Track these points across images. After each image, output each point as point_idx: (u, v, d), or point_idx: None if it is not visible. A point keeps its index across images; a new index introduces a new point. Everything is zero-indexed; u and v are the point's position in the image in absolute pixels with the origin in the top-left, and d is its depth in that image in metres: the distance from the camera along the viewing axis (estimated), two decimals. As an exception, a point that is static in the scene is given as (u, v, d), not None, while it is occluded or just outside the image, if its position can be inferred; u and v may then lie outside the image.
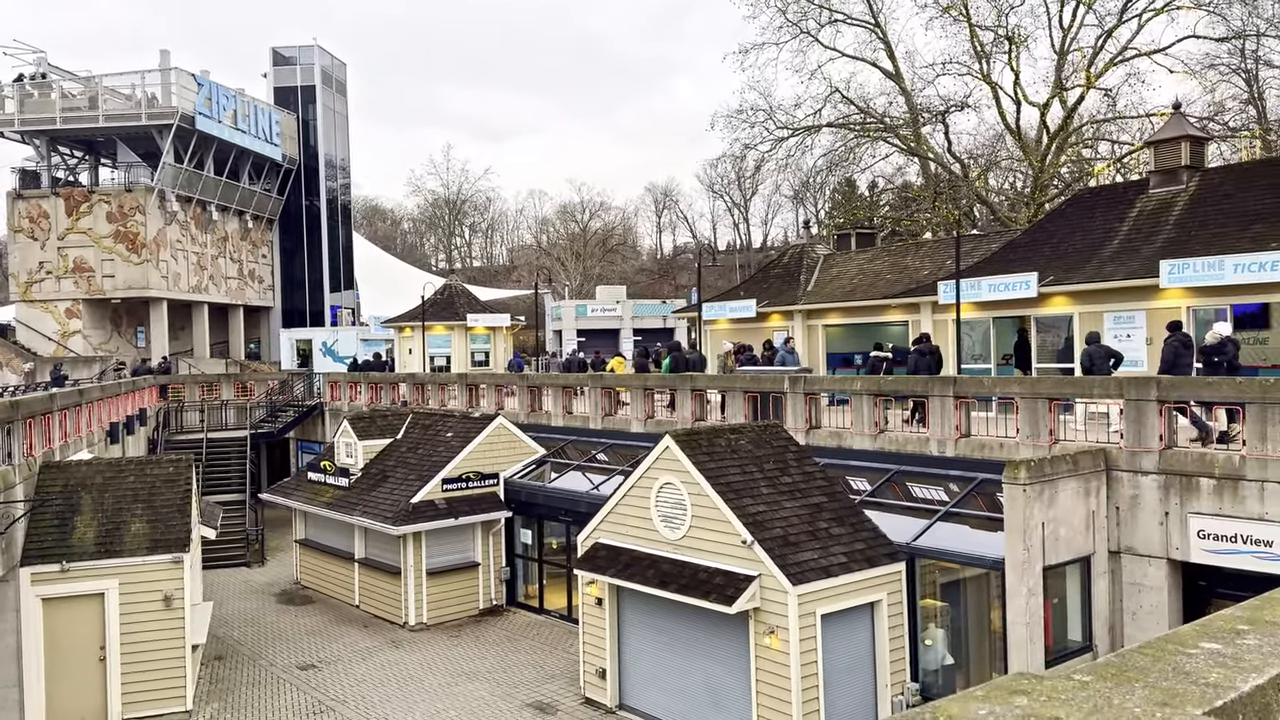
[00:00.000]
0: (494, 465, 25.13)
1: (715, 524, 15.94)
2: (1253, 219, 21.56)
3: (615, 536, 17.87)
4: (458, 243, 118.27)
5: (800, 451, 18.07)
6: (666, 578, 16.28)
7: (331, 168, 62.33)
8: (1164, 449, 15.28)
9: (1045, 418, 16.80)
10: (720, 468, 16.50)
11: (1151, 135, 26.66)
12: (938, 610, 17.32)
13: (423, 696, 19.06)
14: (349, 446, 27.32)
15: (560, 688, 19.27)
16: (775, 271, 35.49)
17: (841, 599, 15.44)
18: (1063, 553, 15.22)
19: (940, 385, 18.44)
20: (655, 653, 17.42)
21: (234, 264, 56.67)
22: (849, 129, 42.89)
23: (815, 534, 15.97)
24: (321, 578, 27.37)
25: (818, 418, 21.35)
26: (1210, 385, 15.13)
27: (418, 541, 23.57)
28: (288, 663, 21.58)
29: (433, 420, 27.08)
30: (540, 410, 28.60)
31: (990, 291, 24.36)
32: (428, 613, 23.78)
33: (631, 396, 25.51)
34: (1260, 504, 14.44)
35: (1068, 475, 15.26)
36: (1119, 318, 22.29)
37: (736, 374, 24.60)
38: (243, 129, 54.36)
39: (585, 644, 18.59)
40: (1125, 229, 23.88)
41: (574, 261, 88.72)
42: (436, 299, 43.30)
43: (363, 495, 25.29)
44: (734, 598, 14.99)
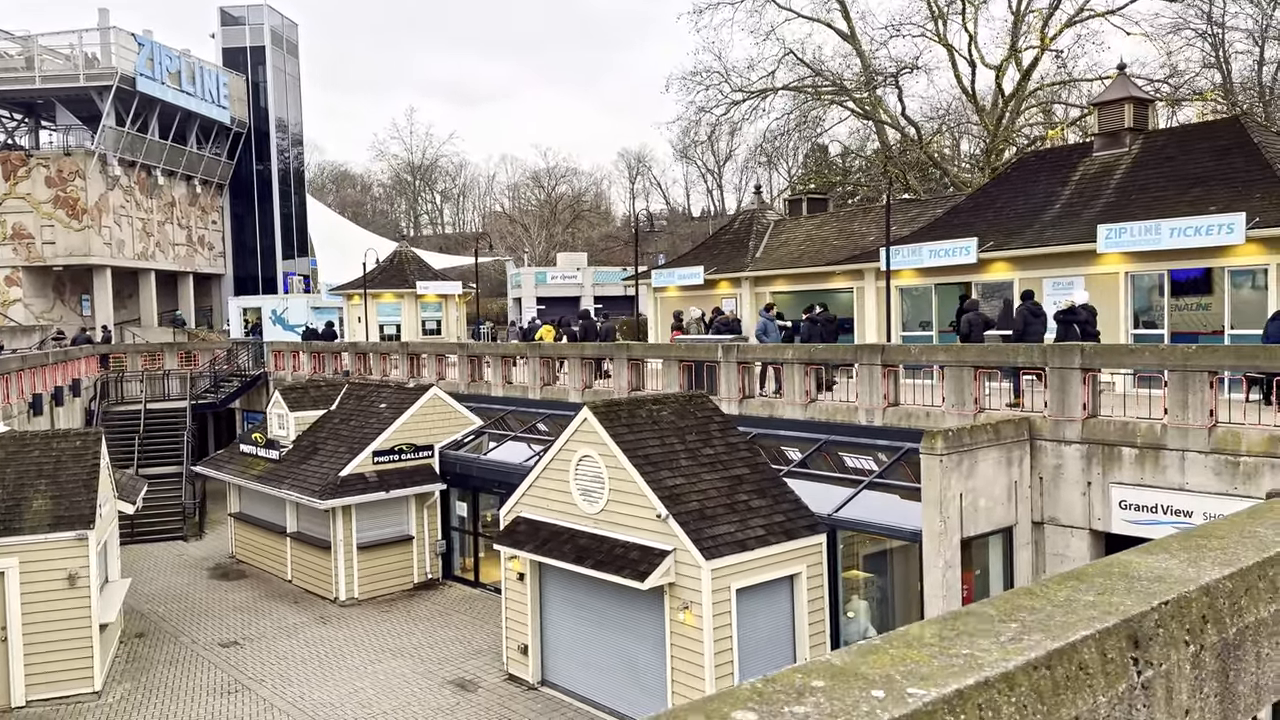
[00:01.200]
0: (429, 437, 24.57)
1: (632, 497, 15.51)
2: (1192, 182, 21.22)
3: (537, 510, 17.43)
4: (429, 209, 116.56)
5: (725, 422, 17.65)
6: (584, 553, 15.86)
7: (283, 131, 60.86)
8: (1087, 418, 14.98)
9: (970, 386, 16.45)
10: (639, 439, 16.04)
11: (1096, 97, 26.21)
12: (861, 581, 17.05)
13: (342, 674, 18.62)
14: (281, 418, 26.65)
15: (485, 664, 18.89)
16: (726, 238, 34.94)
17: (758, 572, 15.10)
18: (982, 524, 14.93)
19: (869, 353, 18.04)
20: (577, 628, 17.06)
21: (182, 230, 55.31)
22: (803, 92, 42.18)
23: (734, 507, 15.58)
24: (255, 552, 26.80)
25: (751, 387, 20.93)
26: (1134, 352, 14.82)
27: (347, 515, 23.03)
28: (210, 640, 21.06)
29: (367, 391, 26.44)
30: (481, 380, 28.02)
31: (931, 257, 23.96)
32: (359, 587, 23.30)
33: (569, 366, 24.97)
34: (1181, 474, 14.18)
35: (988, 445, 14.93)
36: (1058, 283, 21.97)
37: (672, 343, 24.11)
38: (188, 91, 52.80)
39: (508, 620, 18.20)
40: (1067, 193, 23.50)
41: (538, 228, 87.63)
42: (386, 266, 42.41)
43: (292, 468, 24.67)
44: (647, 573, 14.60)
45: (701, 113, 43.96)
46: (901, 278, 25.88)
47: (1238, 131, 21.61)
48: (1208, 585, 2.28)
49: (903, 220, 29.34)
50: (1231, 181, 20.38)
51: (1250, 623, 2.36)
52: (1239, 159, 20.81)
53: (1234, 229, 18.55)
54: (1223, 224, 18.72)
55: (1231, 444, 13.69)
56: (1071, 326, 16.32)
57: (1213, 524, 2.88)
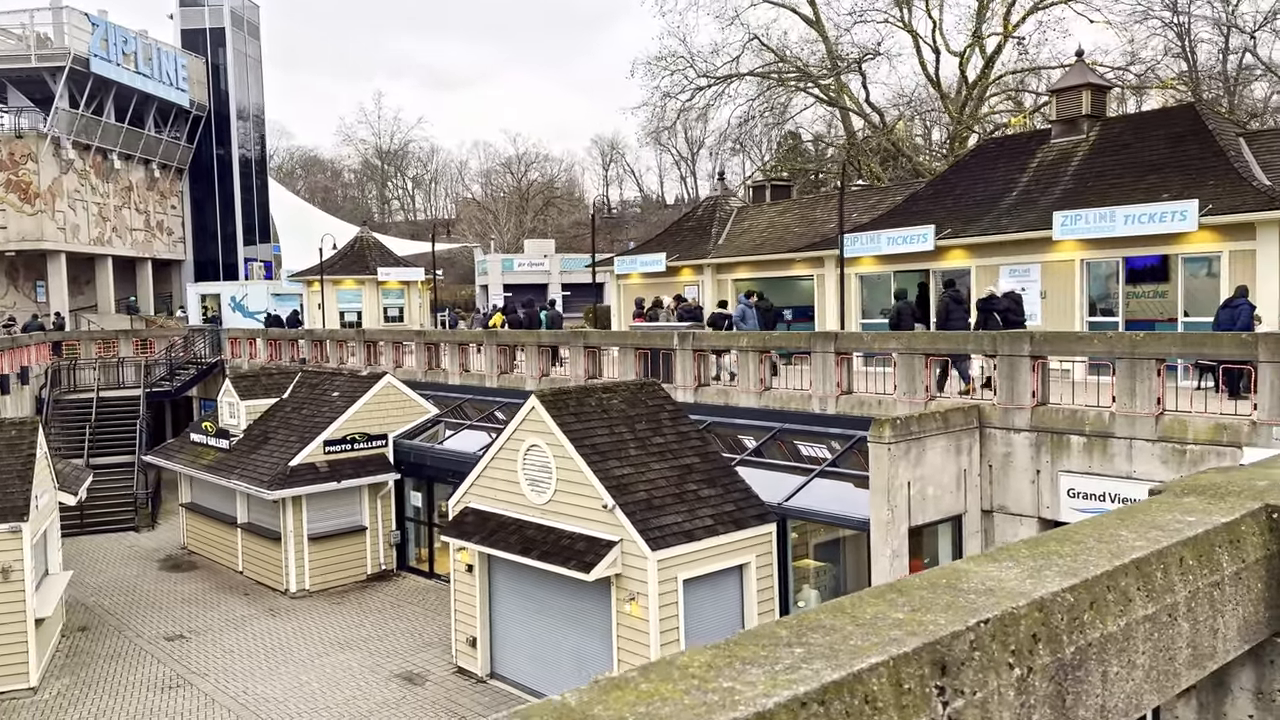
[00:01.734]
0: (383, 425, 24.16)
1: (580, 487, 15.26)
2: (1148, 169, 21.19)
3: (485, 501, 17.13)
4: (401, 195, 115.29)
5: (676, 411, 17.42)
6: (530, 544, 15.60)
7: (245, 115, 59.80)
8: (1036, 405, 14.88)
9: (922, 374, 16.32)
10: (587, 429, 15.78)
11: (1054, 84, 26.15)
12: (812, 570, 16.92)
13: (288, 668, 18.27)
14: (232, 407, 26.14)
15: (434, 656, 18.60)
16: (689, 225, 34.67)
17: (706, 563, 14.91)
18: (931, 512, 14.81)
19: (822, 341, 17.86)
20: (525, 620, 16.81)
21: (140, 215, 54.23)
22: (768, 78, 41.90)
23: (682, 496, 15.37)
24: (207, 543, 26.32)
25: (706, 375, 20.70)
26: (1082, 340, 14.73)
27: (297, 506, 22.61)
28: (155, 633, 20.62)
29: (320, 379, 25.97)
30: (438, 368, 27.62)
31: (889, 245, 23.82)
32: (310, 579, 22.91)
33: (526, 354, 24.64)
34: (1129, 462, 14.12)
35: (937, 433, 14.80)
36: (1015, 270, 21.90)
37: (628, 330, 23.84)
38: (145, 73, 51.67)
39: (456, 612, 17.92)
40: (1025, 180, 23.43)
41: (507, 215, 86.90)
42: (347, 252, 41.76)
43: (243, 458, 24.19)
44: (593, 564, 14.36)
45: (667, 98, 43.66)
46: (861, 265, 25.74)
47: (1193, 119, 21.60)
48: (1043, 599, 2.04)
49: (863, 208, 29.20)
50: (1186, 169, 20.36)
51: (1095, 639, 2.13)
52: (1193, 146, 20.80)
53: (1187, 216, 18.52)
54: (1176, 211, 18.68)
55: (1178, 432, 13.64)
56: (992, 314, 16.44)
57: (1074, 526, 2.66)
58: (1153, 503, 2.87)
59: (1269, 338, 12.96)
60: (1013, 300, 16.81)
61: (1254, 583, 2.69)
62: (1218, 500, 2.87)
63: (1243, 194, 18.68)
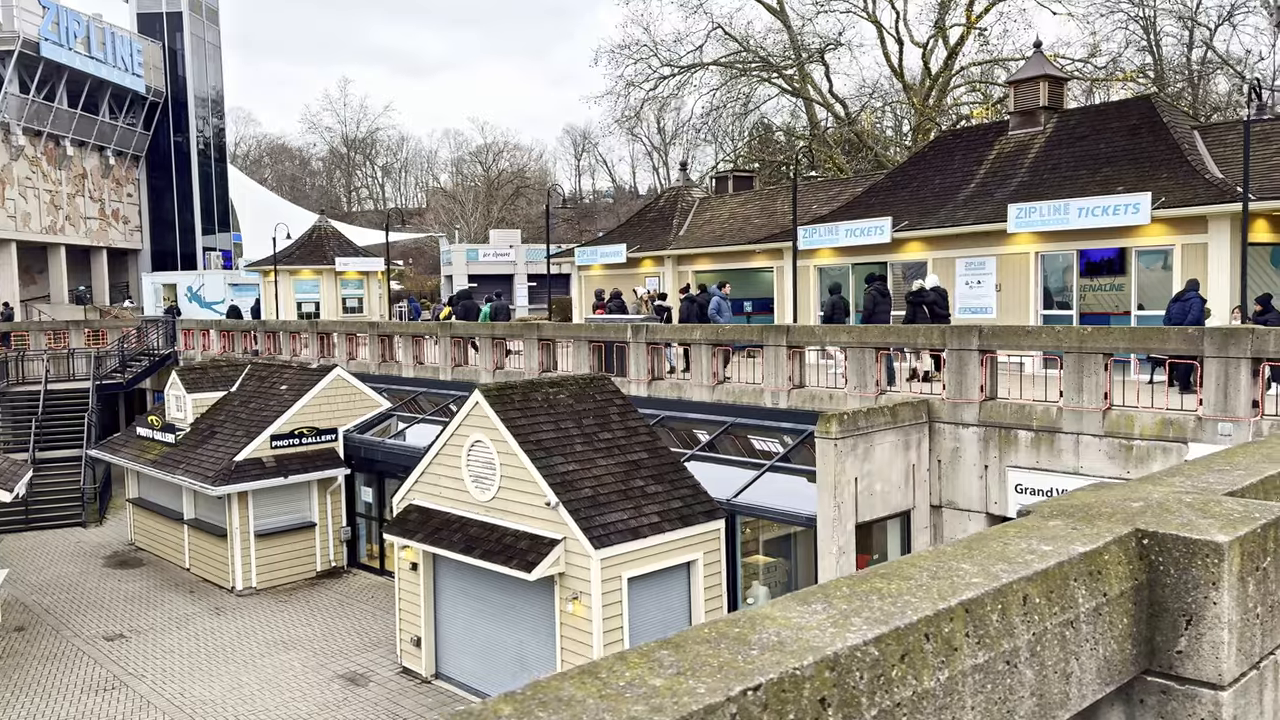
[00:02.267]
0: (332, 419, 23.68)
1: (524, 484, 14.93)
2: (1104, 162, 21.12)
3: (429, 498, 16.77)
4: (370, 184, 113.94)
5: (626, 405, 17.12)
6: (473, 542, 15.26)
7: (203, 102, 58.64)
8: (984, 400, 14.73)
9: (872, 368, 16.13)
10: (532, 424, 15.44)
11: (1012, 75, 26.06)
12: (762, 566, 16.71)
13: (228, 668, 17.82)
14: (179, 400, 25.54)
15: (380, 656, 18.23)
16: (650, 215, 34.35)
17: (652, 560, 14.64)
18: (879, 508, 14.64)
19: (774, 334, 17.63)
20: (470, 620, 16.47)
21: (95, 203, 53.07)
22: (733, 68, 41.60)
23: (628, 493, 15.08)
24: (154, 539, 25.73)
25: (660, 368, 20.43)
26: (1030, 334, 14.59)
27: (243, 501, 22.11)
28: (94, 633, 20.08)
29: (270, 371, 25.42)
30: (392, 360, 27.15)
31: (847, 237, 23.63)
32: (258, 576, 22.42)
33: (480, 346, 24.24)
34: (1076, 457, 14.01)
35: (885, 428, 14.61)
36: (970, 263, 21.78)
37: (582, 323, 23.51)
38: (98, 58, 50.47)
39: (401, 611, 17.55)
40: (983, 172, 23.31)
41: (473, 204, 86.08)
42: (304, 242, 41.04)
43: (188, 452, 23.63)
44: (535, 564, 14.05)
45: (630, 87, 43.21)
46: (820, 257, 25.56)
47: (1148, 111, 21.55)
48: (838, 655, 1.74)
49: (824, 199, 29.02)
50: (1140, 162, 20.31)
51: (905, 699, 1.84)
52: (1148, 139, 20.75)
53: (1139, 209, 18.45)
54: (1129, 204, 18.61)
55: (1125, 427, 13.53)
56: (920, 308, 16.48)
57: (912, 558, 2.38)
58: (1010, 528, 2.60)
59: (1215, 332, 12.86)
60: (939, 294, 16.88)
61: (1118, 618, 2.43)
62: (1085, 524, 2.61)
63: (1195, 187, 18.64)
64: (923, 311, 16.04)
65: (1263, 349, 12.39)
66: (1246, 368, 12.47)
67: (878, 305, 16.57)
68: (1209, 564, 2.45)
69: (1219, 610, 2.44)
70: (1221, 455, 3.61)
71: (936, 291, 16.93)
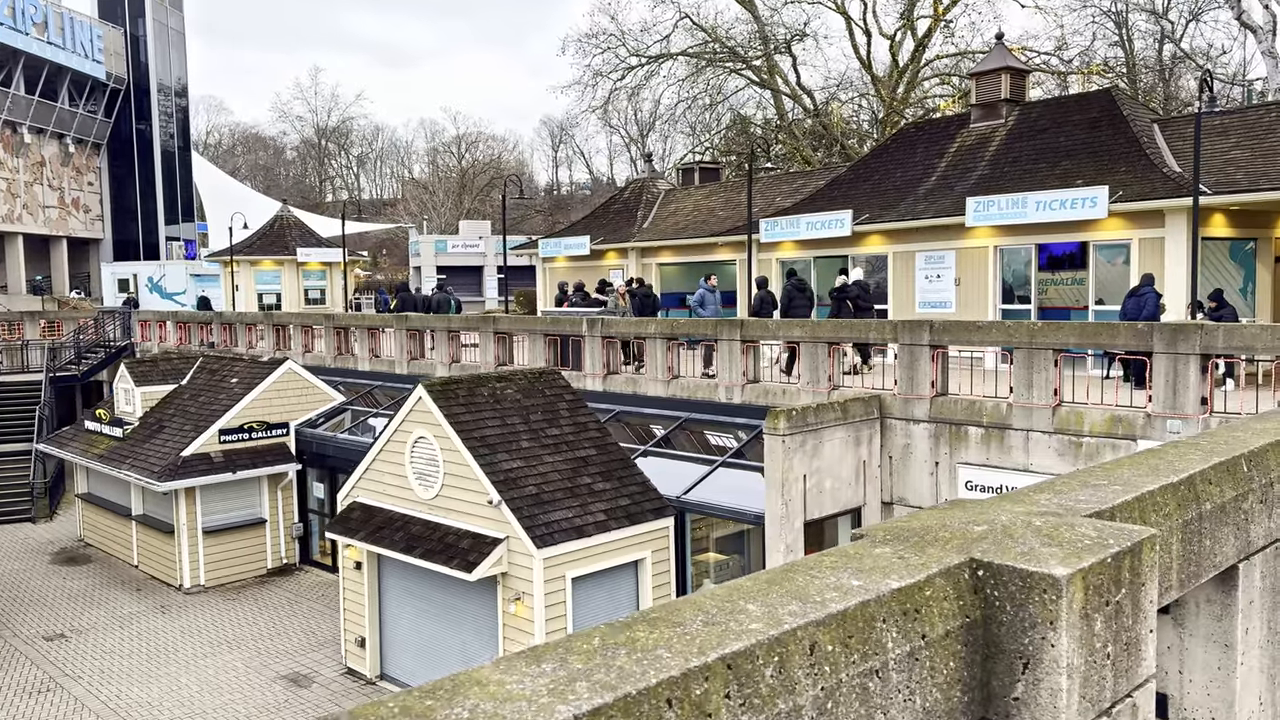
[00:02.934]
0: (284, 414, 23.20)
1: (467, 482, 14.58)
2: (1063, 155, 20.97)
3: (373, 495, 16.38)
4: (345, 174, 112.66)
5: (576, 401, 16.79)
6: (415, 541, 14.90)
7: (166, 89, 57.62)
8: (935, 396, 14.52)
9: (825, 363, 15.88)
10: (477, 420, 15.08)
11: (974, 67, 25.87)
12: (713, 564, 16.45)
13: (169, 669, 17.38)
14: (127, 393, 24.95)
15: (325, 656, 17.83)
16: (615, 207, 33.98)
17: (598, 560, 14.34)
18: (828, 505, 14.40)
19: (728, 329, 17.35)
20: (414, 620, 16.12)
21: (54, 192, 52.04)
22: (701, 58, 41.24)
23: (575, 491, 14.76)
24: (103, 535, 25.17)
25: (616, 363, 20.11)
26: (981, 329, 14.38)
27: (190, 497, 21.62)
28: (33, 633, 19.55)
29: (221, 364, 24.88)
30: (348, 353, 26.67)
31: (808, 230, 23.39)
32: (206, 574, 21.94)
33: (436, 339, 23.82)
34: (1026, 454, 13.83)
35: (835, 424, 14.37)
36: (930, 257, 21.59)
37: (538, 315, 23.16)
38: (57, 43, 49.45)
39: (346, 611, 17.17)
40: (944, 165, 23.11)
41: (445, 195, 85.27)
42: (266, 231, 40.37)
43: (136, 447, 23.08)
44: (476, 563, 13.71)
45: (598, 77, 42.74)
46: (782, 250, 25.32)
47: (1108, 104, 21.40)
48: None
49: (788, 191, 28.77)
50: (1099, 155, 20.17)
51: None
52: (1107, 132, 20.61)
53: (1096, 203, 18.30)
54: (1086, 198, 18.46)
55: (1074, 424, 13.36)
56: (844, 303, 16.48)
57: (696, 596, 2.07)
58: (828, 556, 2.30)
59: (1164, 328, 12.69)
60: (862, 288, 16.89)
61: (943, 662, 2.14)
62: (916, 552, 2.32)
63: (1152, 181, 18.51)
64: (846, 306, 15.87)
65: (1211, 345, 12.24)
66: (1195, 364, 12.31)
67: (794, 300, 16.41)
68: (1046, 600, 2.16)
69: (1057, 653, 2.15)
70: (1106, 466, 3.33)
71: (859, 286, 16.85)
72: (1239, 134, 19.38)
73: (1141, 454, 3.55)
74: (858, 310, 16.59)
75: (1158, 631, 3.78)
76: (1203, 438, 3.86)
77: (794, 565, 2.23)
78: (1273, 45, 32.35)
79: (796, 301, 16.61)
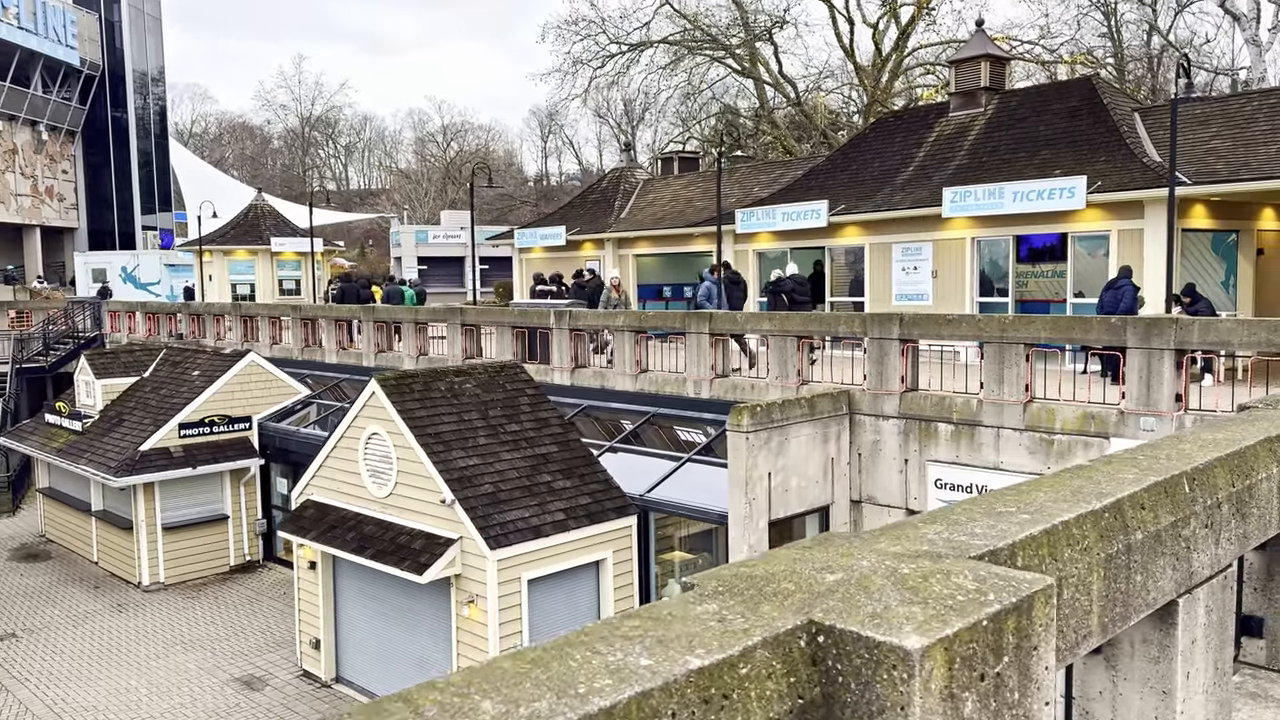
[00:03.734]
0: (247, 407, 22.64)
1: (421, 480, 14.09)
2: (1043, 144, 20.53)
3: (327, 493, 15.87)
4: (333, 164, 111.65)
5: (537, 395, 16.30)
6: (367, 541, 14.40)
7: (142, 76, 56.72)
8: (905, 391, 14.08)
9: (794, 357, 15.42)
10: (432, 416, 14.58)
11: (953, 55, 25.40)
12: (679, 563, 16.00)
13: (119, 671, 16.86)
14: (88, 386, 24.35)
15: (281, 658, 17.34)
16: (592, 197, 33.45)
17: (556, 561, 13.87)
18: (794, 504, 13.96)
19: (696, 321, 16.88)
20: (369, 622, 15.64)
21: (26, 180, 51.18)
22: (682, 46, 40.65)
23: (533, 489, 14.28)
24: (63, 531, 24.60)
25: (585, 356, 19.62)
26: (951, 323, 13.94)
27: (149, 493, 21.06)
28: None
29: (184, 356, 24.30)
30: (316, 345, 26.11)
31: (784, 220, 22.91)
32: (166, 571, 21.41)
33: (404, 331, 23.29)
34: (996, 452, 13.41)
35: (802, 420, 13.92)
36: (907, 249, 21.14)
37: (507, 307, 22.68)
38: (28, 28, 48.54)
39: (301, 612, 16.67)
40: (921, 155, 22.65)
41: (428, 185, 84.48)
42: (239, 221, 39.69)
43: (94, 441, 22.50)
44: (427, 565, 13.23)
45: (578, 65, 42.13)
46: (758, 241, 24.85)
47: (1089, 92, 20.96)
48: None
49: (766, 181, 28.30)
50: (1078, 144, 19.73)
51: None
52: (1087, 121, 20.17)
53: (1074, 193, 17.87)
54: (1064, 188, 18.03)
55: (1046, 421, 12.94)
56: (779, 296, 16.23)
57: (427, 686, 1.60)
58: (629, 620, 1.81)
59: (1138, 322, 12.27)
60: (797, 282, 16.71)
61: (766, 757, 1.67)
62: (750, 608, 1.85)
63: (1132, 171, 18.09)
64: (782, 300, 15.48)
65: (1186, 340, 11.82)
66: (1170, 359, 11.90)
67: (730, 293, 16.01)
68: (895, 679, 1.70)
69: (909, 746, 1.69)
70: (1021, 489, 2.87)
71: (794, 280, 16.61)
72: (1220, 123, 18.98)
73: (1065, 473, 3.08)
74: (793, 304, 16.26)
75: (1089, 674, 3.34)
76: (1142, 452, 3.41)
77: (580, 635, 1.75)
78: (1256, 33, 31.98)
79: (732, 294, 16.23)
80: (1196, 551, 3.12)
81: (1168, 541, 2.93)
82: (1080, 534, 2.57)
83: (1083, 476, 3.00)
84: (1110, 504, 2.73)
